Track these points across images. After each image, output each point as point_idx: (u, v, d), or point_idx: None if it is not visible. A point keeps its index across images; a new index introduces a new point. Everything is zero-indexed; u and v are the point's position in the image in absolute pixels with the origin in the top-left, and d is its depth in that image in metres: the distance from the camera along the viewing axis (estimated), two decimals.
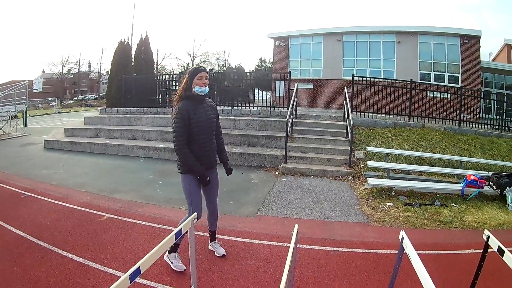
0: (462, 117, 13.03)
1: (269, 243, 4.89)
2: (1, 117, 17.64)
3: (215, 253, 4.44)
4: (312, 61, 22.73)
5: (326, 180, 8.55)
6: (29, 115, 25.58)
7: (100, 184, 7.93)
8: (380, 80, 12.72)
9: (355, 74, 13.01)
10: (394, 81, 12.93)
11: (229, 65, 47.66)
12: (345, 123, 11.00)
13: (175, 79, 16.74)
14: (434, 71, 20.88)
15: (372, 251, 4.85)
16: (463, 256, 4.89)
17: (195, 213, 3.32)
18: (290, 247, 2.57)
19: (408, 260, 2.63)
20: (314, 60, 22.64)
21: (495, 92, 21.89)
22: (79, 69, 69.39)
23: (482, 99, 17.18)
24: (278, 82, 16.02)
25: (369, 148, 9.53)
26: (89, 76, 72.88)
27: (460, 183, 8.36)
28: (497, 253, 2.98)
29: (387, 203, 7.18)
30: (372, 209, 6.80)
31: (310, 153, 9.82)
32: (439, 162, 10.23)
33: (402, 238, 2.93)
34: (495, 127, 13.83)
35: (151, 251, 2.29)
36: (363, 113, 12.42)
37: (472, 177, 8.23)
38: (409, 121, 12.39)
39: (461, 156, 10.36)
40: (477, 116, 14.50)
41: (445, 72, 20.71)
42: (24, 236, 5.02)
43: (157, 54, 47.78)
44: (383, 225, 6.02)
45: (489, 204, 7.79)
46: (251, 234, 5.19)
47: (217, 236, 4.67)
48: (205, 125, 4.01)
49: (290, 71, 13.80)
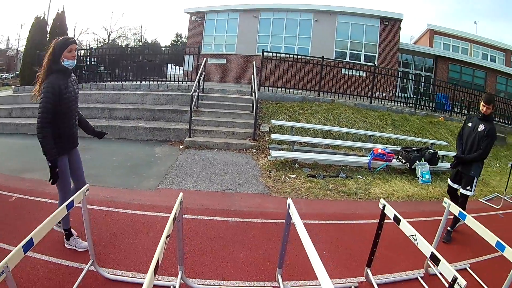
0: (377, 95, 13.54)
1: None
2: None
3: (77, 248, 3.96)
4: (227, 37, 22.52)
5: (230, 153, 8.56)
6: None
7: (11, 165, 7.29)
8: (291, 56, 12.81)
9: (269, 50, 13.02)
10: (305, 58, 13.09)
11: (145, 40, 46.22)
12: (252, 97, 11.03)
13: (92, 55, 15.93)
14: (351, 50, 21.41)
15: (271, 221, 4.96)
16: (367, 226, 5.07)
17: (87, 185, 3.25)
18: (171, 215, 2.74)
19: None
20: (229, 36, 22.45)
21: (413, 73, 22.92)
22: None
23: (400, 79, 18.16)
24: (188, 57, 15.77)
25: (274, 122, 9.58)
26: (7, 54, 66.89)
27: (367, 156, 8.63)
28: (394, 222, 3.11)
29: (290, 175, 7.27)
30: (274, 181, 6.86)
31: (215, 127, 9.77)
32: (348, 136, 10.53)
33: (289, 205, 2.93)
34: (410, 105, 14.56)
35: (43, 222, 2.30)
36: (273, 88, 12.47)
37: (380, 151, 8.54)
38: (319, 97, 12.63)
39: (371, 131, 10.71)
40: (393, 95, 15.10)
41: (362, 52, 21.36)
42: None
43: (75, 30, 45.18)
44: (284, 196, 6.07)
45: (398, 177, 8.15)
46: (151, 207, 5.11)
47: (119, 211, 4.70)
48: (73, 102, 3.78)
49: (200, 46, 13.64)
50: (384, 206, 3.39)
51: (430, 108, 15.44)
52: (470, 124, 5.23)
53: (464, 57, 25.68)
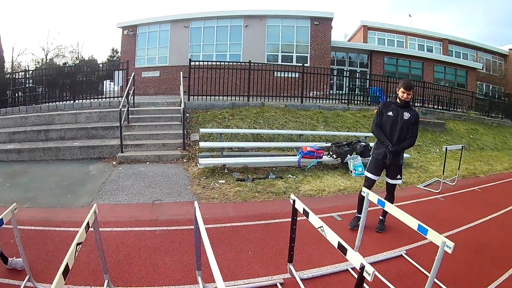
0: (312, 94, 14.08)
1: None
2: None
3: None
4: (159, 49, 22.50)
5: (161, 165, 8.71)
6: None
7: None
8: (218, 64, 13.13)
9: (201, 59, 13.28)
10: (232, 64, 13.45)
11: (82, 58, 45.09)
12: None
13: (29, 76, 15.35)
14: (282, 52, 21.90)
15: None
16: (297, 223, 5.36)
17: (15, 204, 3.25)
18: (83, 223, 2.95)
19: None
20: (161, 48, 22.45)
21: (348, 70, 23.78)
22: None
23: (335, 77, 18.70)
24: (118, 72, 15.71)
25: (202, 130, 9.79)
26: None
27: (297, 155, 8.87)
28: (304, 215, 3.21)
29: (219, 181, 7.48)
30: (203, 188, 7.06)
31: (146, 140, 9.90)
32: (278, 138, 10.86)
33: (195, 209, 3.11)
34: (344, 102, 15.13)
35: None
36: (202, 97, 12.75)
37: (309, 149, 8.77)
38: (248, 101, 13.01)
39: (302, 130, 11.12)
40: (327, 93, 15.60)
41: (294, 53, 21.89)
42: None
43: (13, 51, 43.38)
44: (212, 202, 6.37)
45: (331, 173, 8.47)
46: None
47: (55, 229, 4.72)
48: None
49: (127, 61, 13.62)
50: (294, 201, 3.44)
51: (365, 102, 16.10)
52: (391, 113, 5.09)
53: (399, 50, 27.01)
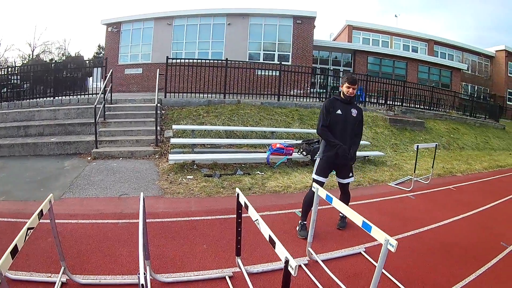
0: (293, 93, 14.47)
1: (65, 221, 5.17)
2: None
3: None
4: (142, 46, 22.61)
5: (134, 161, 8.91)
6: None
7: None
8: (196, 61, 13.38)
9: (184, 57, 13.48)
10: (209, 61, 13.74)
11: (69, 54, 44.96)
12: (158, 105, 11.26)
13: (16, 72, 15.30)
14: (264, 51, 22.15)
15: (159, 220, 5.34)
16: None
17: None
18: (37, 210, 3.13)
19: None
20: (144, 45, 22.55)
21: (331, 69, 24.03)
22: None
23: (318, 75, 18.88)
24: (96, 69, 15.90)
25: (175, 126, 9.99)
26: None
27: (266, 152, 8.99)
28: (244, 208, 3.33)
29: (188, 176, 7.67)
30: (170, 183, 7.26)
31: (121, 136, 10.09)
32: (252, 135, 11.05)
33: (140, 201, 3.28)
34: (323, 100, 15.11)
35: None
36: (179, 94, 12.97)
37: (278, 146, 8.86)
38: (225, 98, 13.26)
39: (275, 128, 11.32)
40: (308, 91, 15.92)
41: (276, 51, 22.13)
42: None
43: None
44: (177, 197, 6.57)
45: (300, 170, 8.64)
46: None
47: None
48: None
49: (107, 58, 13.86)
50: (238, 195, 3.51)
51: None
52: (340, 112, 4.82)
53: (383, 50, 27.27)
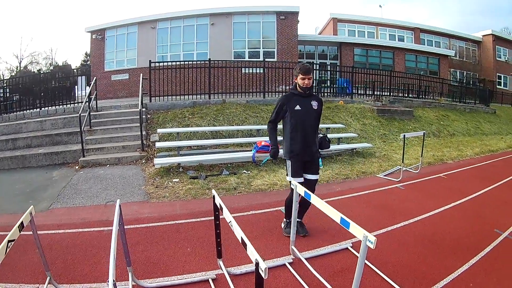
0: (280, 89, 14.33)
1: (53, 232, 5.23)
2: None
3: None
4: (128, 51, 22.58)
5: (121, 167, 8.90)
6: None
7: None
8: (179, 64, 13.31)
9: (169, 60, 13.46)
10: (192, 63, 13.77)
11: (56, 64, 44.89)
12: (144, 110, 11.36)
13: (5, 85, 15.40)
14: (249, 49, 22.18)
15: (143, 225, 5.36)
16: (240, 218, 5.45)
17: None
18: (17, 223, 3.11)
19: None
20: (129, 50, 22.54)
21: (318, 63, 23.87)
22: None
23: None
24: (80, 78, 15.90)
25: (160, 130, 10.00)
26: None
27: (252, 150, 8.93)
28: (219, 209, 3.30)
29: (174, 180, 7.68)
30: (156, 187, 7.25)
31: (107, 143, 10.11)
32: (237, 134, 11.03)
33: (116, 208, 3.23)
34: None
35: None
36: (164, 97, 13.00)
37: (263, 143, 8.75)
38: (210, 99, 13.28)
39: (261, 125, 11.20)
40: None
41: (260, 48, 22.14)
42: None
43: None
44: (162, 201, 6.58)
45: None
46: (41, 227, 5.14)
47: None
48: None
49: (90, 66, 13.90)
50: (214, 197, 3.48)
51: (331, 94, 16.37)
52: (299, 107, 4.59)
53: (369, 41, 27.29)
